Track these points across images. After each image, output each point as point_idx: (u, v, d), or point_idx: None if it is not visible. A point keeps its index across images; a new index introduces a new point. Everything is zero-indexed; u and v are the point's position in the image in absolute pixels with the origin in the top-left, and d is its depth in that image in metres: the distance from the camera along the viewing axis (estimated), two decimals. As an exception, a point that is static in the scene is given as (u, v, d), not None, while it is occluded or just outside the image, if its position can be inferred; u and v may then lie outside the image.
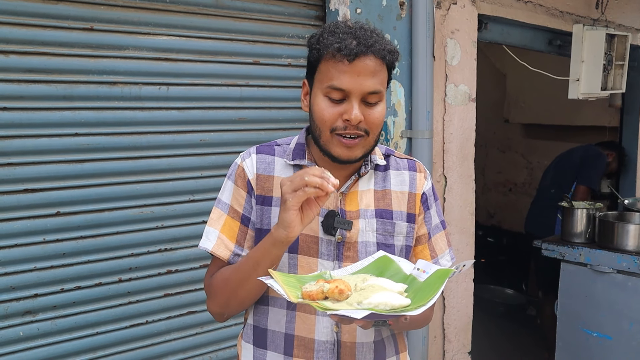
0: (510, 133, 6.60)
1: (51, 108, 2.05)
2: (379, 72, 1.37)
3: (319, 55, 1.38)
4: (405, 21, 2.85)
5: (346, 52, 1.33)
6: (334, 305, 1.19)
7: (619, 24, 4.04)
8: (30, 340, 2.06)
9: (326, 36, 1.37)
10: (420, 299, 1.22)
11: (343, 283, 1.23)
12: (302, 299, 1.22)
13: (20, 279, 2.03)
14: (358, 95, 1.35)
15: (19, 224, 2.02)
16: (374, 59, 1.35)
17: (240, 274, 1.40)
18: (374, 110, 1.39)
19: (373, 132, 1.41)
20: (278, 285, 1.23)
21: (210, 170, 2.41)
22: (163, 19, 2.25)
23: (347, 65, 1.34)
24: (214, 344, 2.48)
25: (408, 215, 1.54)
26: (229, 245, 1.48)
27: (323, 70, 1.38)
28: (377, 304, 1.18)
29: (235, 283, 1.41)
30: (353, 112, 1.35)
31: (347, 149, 1.39)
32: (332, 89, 1.36)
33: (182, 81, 2.31)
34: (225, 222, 1.49)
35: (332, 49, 1.34)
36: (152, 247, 2.30)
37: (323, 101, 1.38)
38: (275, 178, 1.49)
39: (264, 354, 1.51)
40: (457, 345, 3.38)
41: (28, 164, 2.02)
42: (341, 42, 1.33)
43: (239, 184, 1.50)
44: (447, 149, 3.17)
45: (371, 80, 1.35)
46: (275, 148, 1.54)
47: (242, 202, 1.49)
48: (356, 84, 1.34)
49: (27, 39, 1.98)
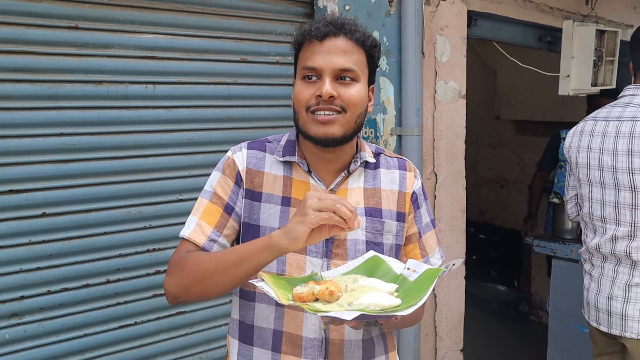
0: (501, 129, 6.61)
1: (36, 108, 2.02)
2: (351, 52, 1.40)
3: (298, 44, 1.45)
4: (394, 18, 2.84)
5: (315, 32, 1.39)
6: (325, 307, 1.19)
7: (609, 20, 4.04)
8: (17, 343, 2.04)
9: (304, 26, 1.43)
10: (410, 298, 1.22)
11: (333, 284, 1.23)
12: (293, 301, 1.22)
13: (6, 280, 2.01)
14: (330, 73, 1.38)
15: (4, 225, 1.99)
16: (345, 39, 1.39)
17: (216, 263, 1.36)
18: (350, 88, 1.40)
19: (351, 110, 1.41)
20: (269, 288, 1.22)
21: (198, 170, 2.39)
22: (149, 17, 2.23)
23: (318, 45, 1.39)
24: (204, 344, 2.46)
25: (398, 214, 1.54)
26: (206, 230, 1.46)
27: (300, 56, 1.44)
28: (368, 305, 1.18)
29: (208, 271, 1.37)
30: (324, 87, 1.37)
31: (323, 125, 1.39)
32: (306, 69, 1.40)
33: (169, 80, 2.29)
34: (206, 208, 1.48)
35: (305, 33, 1.41)
36: (140, 248, 2.28)
37: (300, 84, 1.42)
38: (265, 174, 1.49)
39: (250, 350, 1.50)
40: (449, 342, 3.37)
41: (13, 164, 1.99)
42: (313, 25, 1.40)
43: (227, 174, 1.50)
44: (437, 146, 3.16)
45: (342, 57, 1.39)
46: (266, 145, 1.54)
47: (228, 191, 1.49)
48: (326, 61, 1.38)
49: (11, 37, 1.96)
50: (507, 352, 4.90)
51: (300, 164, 1.49)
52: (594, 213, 2.46)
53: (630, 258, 2.32)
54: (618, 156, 2.33)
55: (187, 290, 1.42)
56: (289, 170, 1.50)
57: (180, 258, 1.43)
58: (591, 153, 2.44)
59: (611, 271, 2.39)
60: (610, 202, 2.38)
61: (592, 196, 2.46)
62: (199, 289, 1.41)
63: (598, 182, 2.42)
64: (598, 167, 2.41)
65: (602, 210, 2.41)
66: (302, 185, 1.48)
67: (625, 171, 2.31)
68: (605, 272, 2.42)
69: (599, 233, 2.44)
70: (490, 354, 4.75)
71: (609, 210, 2.39)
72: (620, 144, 2.32)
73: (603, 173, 2.39)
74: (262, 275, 1.26)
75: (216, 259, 1.37)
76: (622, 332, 2.34)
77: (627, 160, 2.30)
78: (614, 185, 2.36)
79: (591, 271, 2.50)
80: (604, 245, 2.40)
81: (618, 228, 2.35)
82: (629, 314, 2.31)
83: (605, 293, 2.40)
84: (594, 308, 2.45)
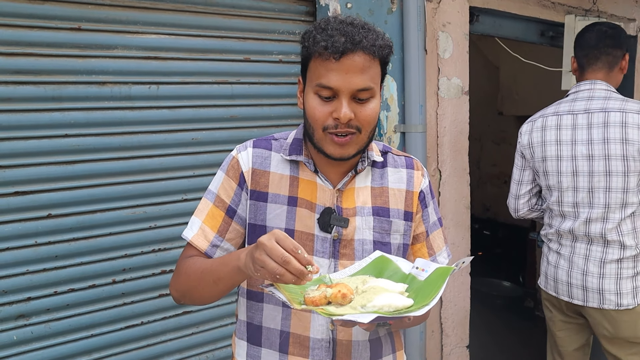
0: (504, 125, 6.59)
1: (40, 109, 2.03)
2: (368, 68, 1.34)
3: (308, 53, 1.38)
4: (396, 15, 2.84)
5: (332, 50, 1.31)
6: (338, 310, 1.19)
7: (611, 14, 4.03)
8: (24, 344, 2.05)
9: (315, 34, 1.35)
10: (422, 298, 1.22)
11: (345, 287, 1.23)
12: (305, 305, 1.21)
13: (13, 282, 2.02)
14: (347, 93, 1.34)
15: (10, 227, 2.00)
16: (363, 55, 1.33)
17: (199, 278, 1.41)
18: (366, 107, 1.37)
19: (365, 129, 1.39)
20: (279, 293, 1.22)
21: (202, 169, 2.39)
22: (152, 17, 2.23)
23: (335, 63, 1.32)
24: (210, 344, 2.47)
25: (405, 214, 1.53)
26: (209, 235, 1.48)
27: (312, 68, 1.37)
28: (381, 306, 1.18)
29: (194, 283, 1.43)
30: (342, 110, 1.33)
31: (340, 147, 1.38)
32: (321, 87, 1.35)
33: (173, 80, 2.30)
34: (210, 211, 1.49)
35: (319, 47, 1.32)
36: (145, 248, 2.28)
37: (314, 99, 1.37)
38: (271, 174, 1.48)
39: (259, 351, 1.50)
40: (454, 339, 3.37)
41: (18, 166, 2.00)
42: (328, 40, 1.31)
43: (230, 175, 1.49)
44: (440, 142, 3.16)
45: (360, 77, 1.33)
46: (272, 143, 1.53)
47: (230, 194, 1.49)
48: (344, 82, 1.33)
49: (14, 39, 1.96)
50: (512, 347, 4.90)
51: (307, 163, 1.48)
52: (565, 200, 2.62)
53: (604, 238, 2.52)
54: (594, 145, 2.51)
55: (184, 296, 1.49)
56: (296, 170, 1.49)
57: (181, 264, 1.48)
58: (562, 145, 2.61)
59: (583, 249, 2.59)
60: (584, 187, 2.55)
61: (562, 185, 2.62)
62: (190, 297, 1.48)
63: (570, 171, 2.58)
64: (571, 157, 2.58)
65: (575, 197, 2.58)
66: (309, 185, 1.48)
67: (602, 157, 2.50)
68: (577, 250, 2.61)
69: (570, 217, 2.62)
70: (496, 350, 4.75)
71: (582, 195, 2.56)
72: (595, 133, 2.51)
73: (577, 162, 2.56)
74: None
75: (199, 274, 1.41)
76: (600, 304, 2.53)
77: (603, 147, 2.49)
78: (588, 172, 2.54)
79: (559, 250, 2.68)
80: (578, 228, 2.58)
81: (592, 211, 2.54)
82: (606, 288, 2.52)
83: (578, 269, 2.59)
84: (566, 284, 2.63)
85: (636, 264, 2.52)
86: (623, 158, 2.45)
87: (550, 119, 2.67)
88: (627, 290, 2.50)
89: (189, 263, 1.45)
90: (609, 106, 2.51)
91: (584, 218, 2.55)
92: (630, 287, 2.50)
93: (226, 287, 1.36)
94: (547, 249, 2.77)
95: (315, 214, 1.45)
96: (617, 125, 2.46)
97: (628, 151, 2.44)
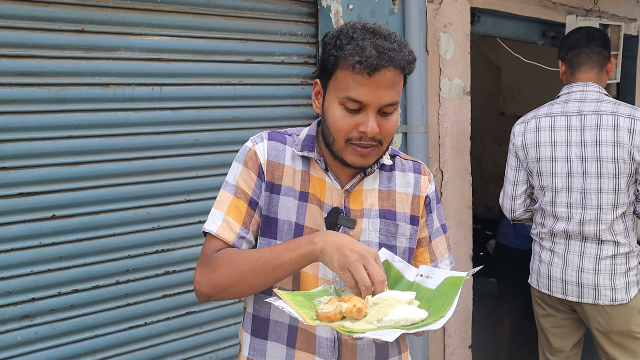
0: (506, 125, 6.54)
1: (44, 111, 2.04)
2: (397, 84, 1.35)
3: (336, 62, 1.34)
4: (397, 16, 2.85)
5: (366, 64, 1.28)
6: (355, 325, 1.16)
7: (612, 14, 4.03)
8: (29, 344, 2.06)
9: (344, 42, 1.33)
10: (436, 309, 1.21)
11: (360, 301, 1.20)
12: (319, 320, 1.18)
13: (17, 283, 2.03)
14: (375, 108, 1.34)
15: (15, 228, 2.01)
16: (393, 70, 1.32)
17: (254, 266, 1.33)
18: (389, 120, 1.38)
19: (386, 141, 1.41)
20: (290, 308, 1.19)
21: (205, 170, 2.40)
22: (154, 19, 2.24)
23: (367, 79, 1.30)
24: (214, 344, 2.48)
25: (412, 218, 1.54)
26: (235, 227, 1.43)
27: (340, 78, 1.35)
28: (398, 320, 1.16)
29: (246, 273, 1.34)
30: (369, 124, 1.33)
31: (362, 157, 1.39)
32: (349, 99, 1.33)
33: (175, 81, 2.31)
34: (232, 203, 1.45)
35: (353, 61, 1.30)
36: (149, 249, 2.29)
37: (338, 109, 1.36)
38: (286, 167, 1.48)
39: (264, 344, 1.50)
40: (457, 339, 3.38)
41: (22, 167, 2.01)
42: (361, 54, 1.29)
43: (249, 166, 1.47)
44: (442, 143, 3.17)
45: (389, 92, 1.33)
46: (286, 137, 1.53)
47: (251, 185, 1.46)
48: (374, 97, 1.32)
49: (18, 42, 1.97)
50: (515, 347, 4.89)
51: (318, 161, 1.48)
52: (558, 200, 2.65)
53: (598, 238, 2.57)
54: (587, 147, 2.55)
55: (222, 291, 1.39)
56: (307, 166, 1.49)
57: (213, 258, 1.40)
58: (556, 146, 2.63)
59: (578, 246, 2.62)
60: (577, 188, 2.58)
61: (556, 186, 2.64)
62: (235, 290, 1.39)
63: (565, 172, 2.61)
64: (565, 158, 2.60)
65: (569, 197, 2.61)
66: (319, 183, 1.48)
67: (594, 159, 2.53)
68: (571, 247, 2.64)
69: (563, 218, 2.64)
70: (498, 350, 4.74)
71: (575, 196, 2.60)
72: (588, 135, 2.55)
73: (571, 163, 2.59)
74: (279, 294, 1.22)
75: (254, 261, 1.34)
76: (595, 300, 2.58)
77: (596, 149, 2.53)
78: (581, 174, 2.57)
79: (553, 248, 2.70)
80: (572, 229, 2.61)
81: (585, 211, 2.57)
82: (601, 283, 2.56)
83: (573, 266, 2.62)
84: (561, 281, 2.66)
85: (628, 260, 2.58)
86: (614, 160, 2.50)
87: (544, 120, 2.68)
88: (621, 285, 2.56)
89: (228, 255, 1.38)
90: (601, 109, 2.55)
91: (578, 219, 2.59)
92: (623, 283, 2.57)
93: (285, 273, 1.31)
94: (540, 247, 2.79)
95: (323, 212, 1.46)
96: (609, 128, 2.50)
97: (619, 153, 2.49)
